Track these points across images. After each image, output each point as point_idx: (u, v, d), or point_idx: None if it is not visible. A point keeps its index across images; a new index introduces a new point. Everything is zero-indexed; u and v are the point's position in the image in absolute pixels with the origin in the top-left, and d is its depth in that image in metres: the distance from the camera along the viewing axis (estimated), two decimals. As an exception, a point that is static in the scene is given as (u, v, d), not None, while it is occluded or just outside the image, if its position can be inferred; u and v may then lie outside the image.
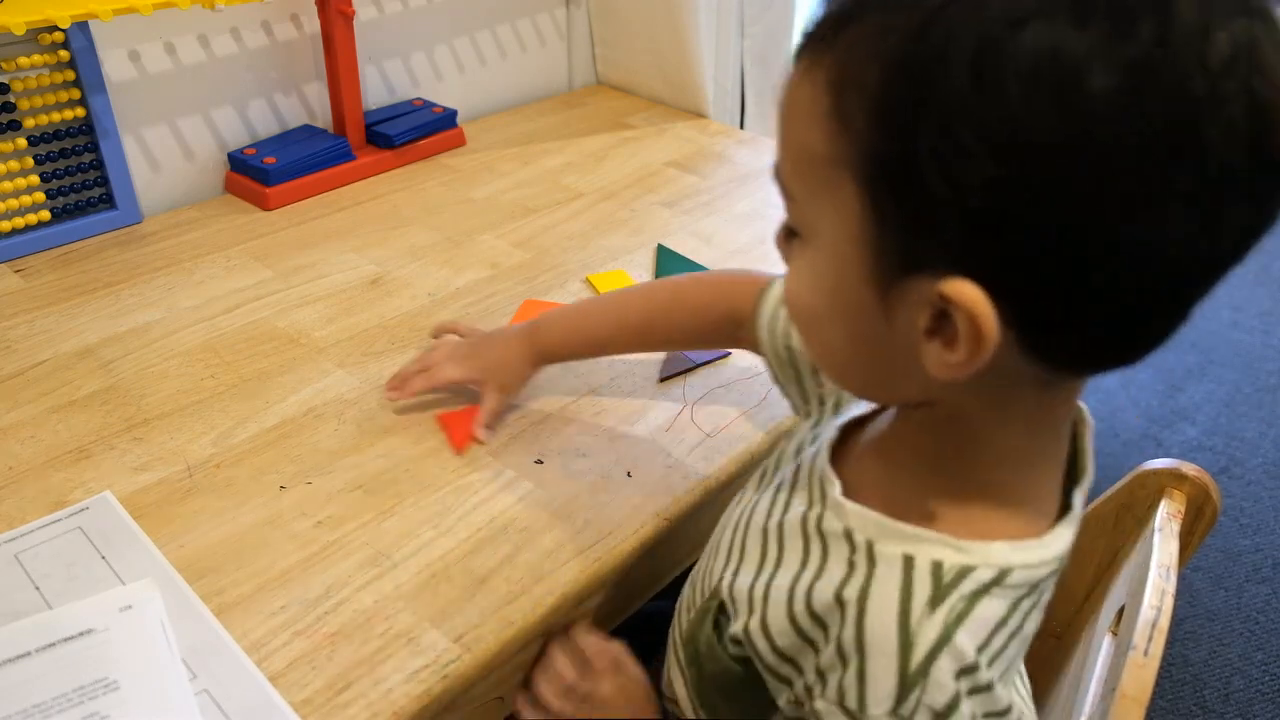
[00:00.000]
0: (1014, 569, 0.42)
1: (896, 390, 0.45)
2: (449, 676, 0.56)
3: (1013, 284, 0.36)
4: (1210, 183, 0.34)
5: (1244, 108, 0.33)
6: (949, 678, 0.41)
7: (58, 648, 0.56)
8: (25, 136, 0.94)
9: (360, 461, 0.71)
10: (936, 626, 0.41)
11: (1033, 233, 0.34)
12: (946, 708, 0.41)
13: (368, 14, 1.17)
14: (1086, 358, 0.40)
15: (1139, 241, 0.34)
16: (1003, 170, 0.34)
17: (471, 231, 1.04)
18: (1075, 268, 0.35)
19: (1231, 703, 1.29)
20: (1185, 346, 1.97)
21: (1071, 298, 0.36)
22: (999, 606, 0.42)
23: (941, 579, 0.42)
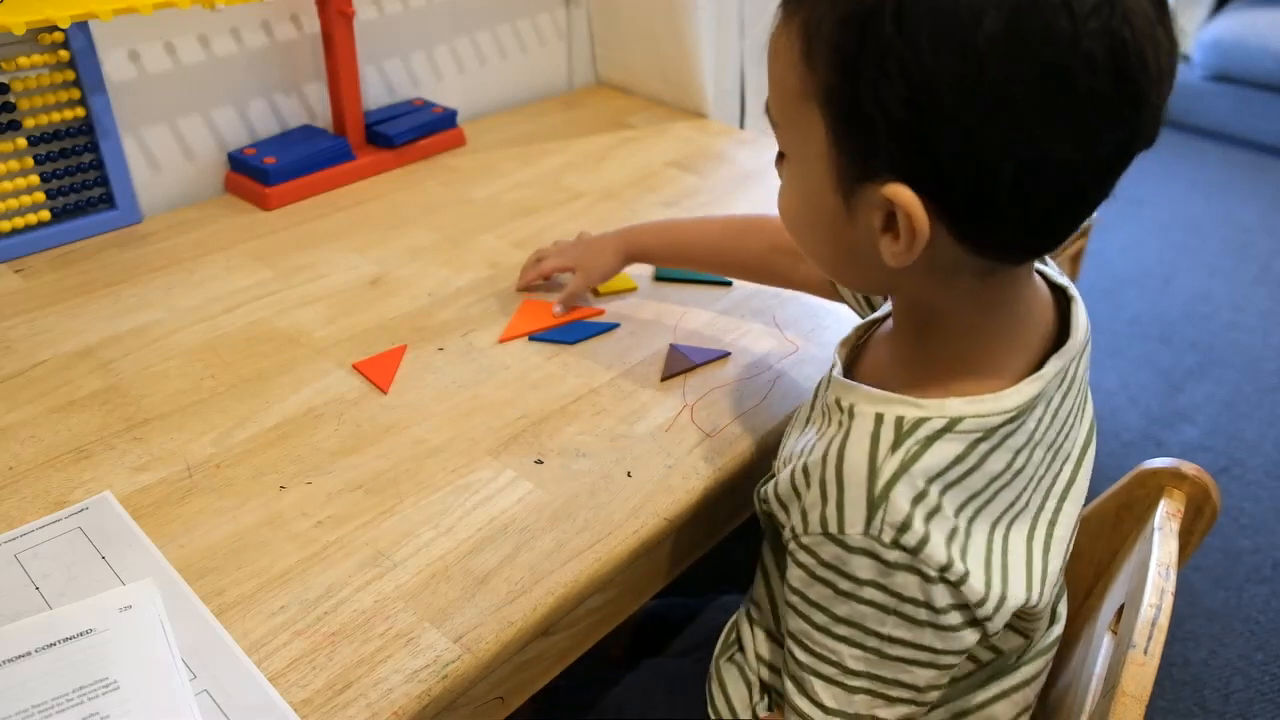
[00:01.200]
0: (965, 418, 0.51)
1: (867, 278, 0.57)
2: (449, 676, 0.56)
3: (936, 187, 0.46)
4: (1080, 107, 0.43)
5: (1104, 46, 0.42)
6: (905, 500, 0.51)
7: (58, 648, 0.56)
8: (25, 136, 0.94)
9: (360, 461, 0.71)
10: (895, 463, 0.51)
11: (946, 147, 0.45)
12: (903, 523, 0.51)
13: (368, 14, 1.17)
14: (1005, 246, 0.49)
15: (1028, 152, 0.44)
16: (920, 100, 0.44)
17: (471, 231, 1.04)
18: (981, 173, 0.45)
19: (1231, 703, 1.29)
20: (1185, 346, 1.96)
21: (982, 196, 0.46)
22: (952, 447, 0.51)
23: (902, 428, 0.52)
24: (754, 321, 0.89)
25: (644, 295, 0.94)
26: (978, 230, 0.48)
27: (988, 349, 0.54)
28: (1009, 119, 0.43)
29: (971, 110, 0.43)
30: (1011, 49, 0.42)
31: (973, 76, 0.42)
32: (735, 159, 1.24)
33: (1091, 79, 0.42)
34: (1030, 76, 0.42)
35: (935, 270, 0.51)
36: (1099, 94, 0.43)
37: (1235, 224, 2.46)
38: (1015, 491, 0.54)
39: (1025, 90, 0.43)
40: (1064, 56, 0.42)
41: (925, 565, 0.51)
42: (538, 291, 0.93)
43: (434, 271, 0.96)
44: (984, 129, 0.43)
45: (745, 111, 1.52)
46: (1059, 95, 0.43)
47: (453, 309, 0.90)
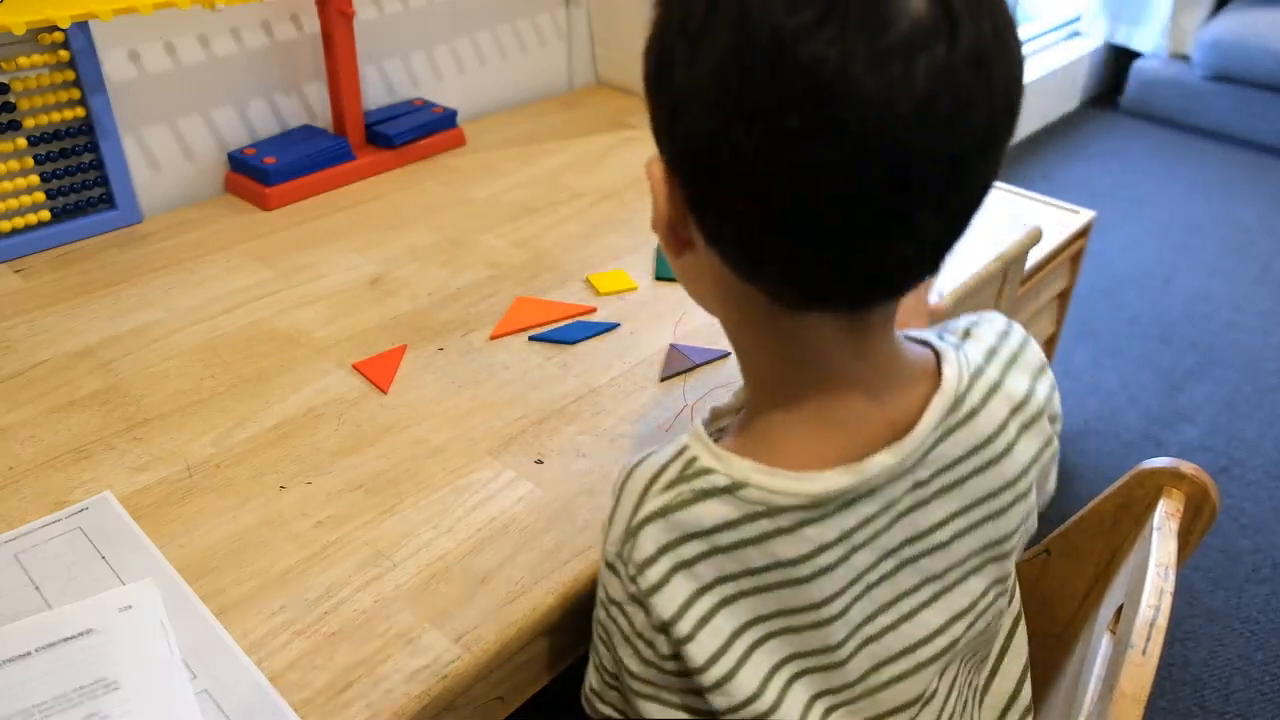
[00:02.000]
0: (749, 485, 0.49)
1: (696, 294, 0.54)
2: (449, 676, 0.56)
3: (680, 166, 0.46)
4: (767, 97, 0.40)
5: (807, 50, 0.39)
6: (652, 544, 0.50)
7: (58, 648, 0.56)
8: (25, 136, 0.94)
9: (360, 461, 0.71)
10: (659, 502, 0.50)
11: (679, 125, 0.45)
12: (644, 563, 0.50)
13: (368, 14, 1.17)
14: (745, 260, 0.46)
15: (733, 131, 0.41)
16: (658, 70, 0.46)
17: (471, 231, 1.04)
18: (699, 145, 0.43)
19: (1231, 703, 1.29)
20: (1185, 346, 1.96)
21: (706, 177, 0.44)
22: (725, 510, 0.49)
23: (687, 470, 0.50)
24: None
25: (644, 295, 0.94)
26: (716, 230, 0.46)
27: (797, 418, 0.51)
28: (704, 80, 0.42)
29: (683, 64, 0.43)
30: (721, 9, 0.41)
31: (687, 26, 0.43)
32: (735, 159, 1.24)
33: (781, 69, 0.39)
34: (725, 39, 0.41)
35: (720, 290, 0.50)
36: (789, 88, 0.39)
37: (1235, 224, 2.46)
38: (810, 595, 0.50)
39: (718, 52, 0.41)
40: (758, 32, 0.40)
41: (652, 612, 0.51)
42: (537, 292, 0.93)
43: (434, 271, 0.96)
44: (690, 90, 0.43)
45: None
46: (748, 69, 0.40)
47: (453, 309, 0.90)
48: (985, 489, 0.54)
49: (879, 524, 0.51)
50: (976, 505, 0.54)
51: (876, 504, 0.51)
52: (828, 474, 0.49)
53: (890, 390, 0.51)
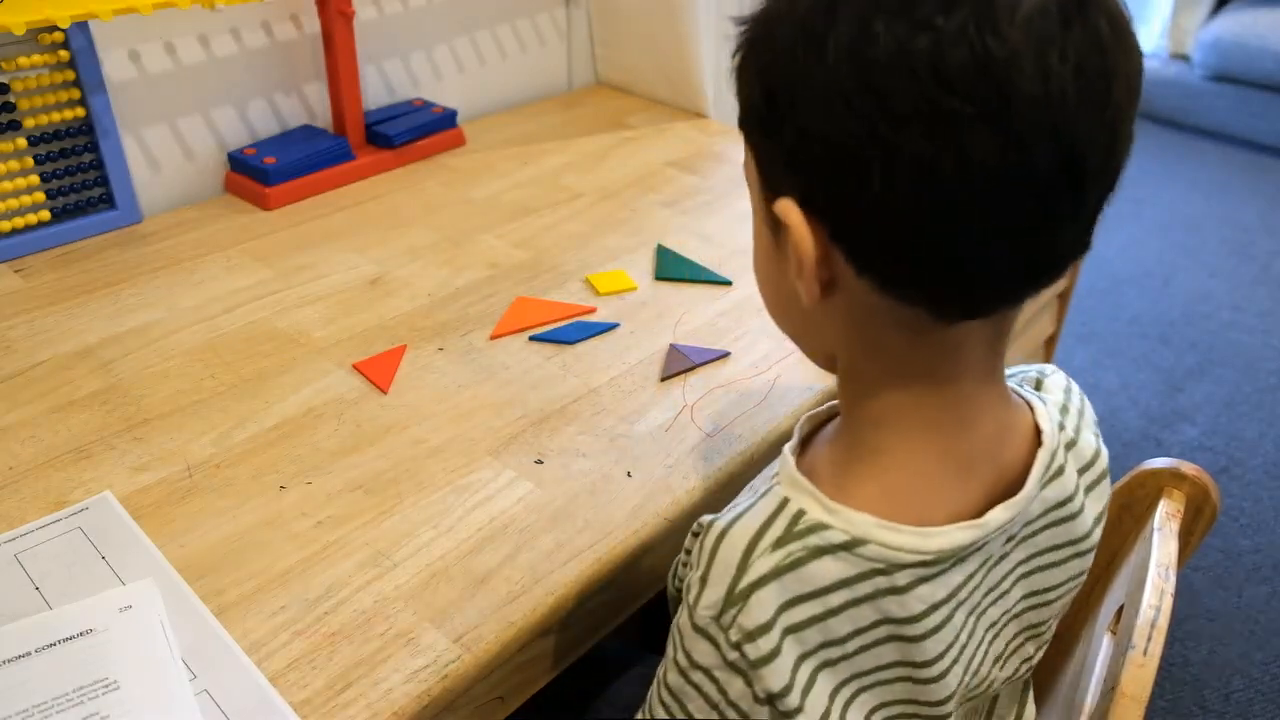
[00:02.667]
0: (870, 542, 0.46)
1: (815, 341, 0.53)
2: (449, 676, 0.56)
3: (816, 195, 0.43)
4: (931, 103, 0.39)
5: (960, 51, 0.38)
6: (765, 611, 0.46)
7: (58, 648, 0.56)
8: (25, 136, 0.94)
9: (360, 461, 0.71)
10: (769, 564, 0.46)
11: (805, 146, 0.42)
12: (754, 631, 0.46)
13: (368, 14, 1.17)
14: (908, 279, 0.44)
15: (883, 148, 0.40)
16: (772, 95, 0.43)
17: (471, 231, 1.04)
18: (846, 171, 0.41)
19: (1231, 703, 1.29)
20: (1185, 346, 1.96)
21: (855, 202, 0.42)
22: (842, 568, 0.46)
23: (795, 525, 0.47)
24: (754, 321, 0.89)
25: (644, 295, 0.94)
26: (870, 252, 0.44)
27: (922, 457, 0.48)
28: (845, 99, 0.40)
29: (806, 87, 0.41)
30: (844, 24, 0.40)
31: (806, 48, 0.41)
32: (735, 159, 1.24)
33: (931, 59, 0.38)
34: (859, 52, 0.40)
35: (859, 321, 0.47)
36: (943, 78, 0.38)
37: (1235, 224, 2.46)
38: (914, 654, 0.49)
39: (858, 67, 0.40)
40: (895, 32, 0.39)
41: (759, 684, 0.46)
42: (537, 292, 0.93)
43: (434, 271, 0.96)
44: (826, 111, 0.41)
45: (745, 111, 1.52)
46: (889, 73, 0.39)
47: (453, 309, 0.90)
48: (1051, 542, 0.54)
49: (976, 580, 0.50)
50: (1037, 555, 0.54)
51: (979, 560, 0.50)
52: (949, 530, 0.47)
53: (1007, 429, 0.51)
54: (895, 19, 0.39)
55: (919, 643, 0.48)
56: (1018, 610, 0.56)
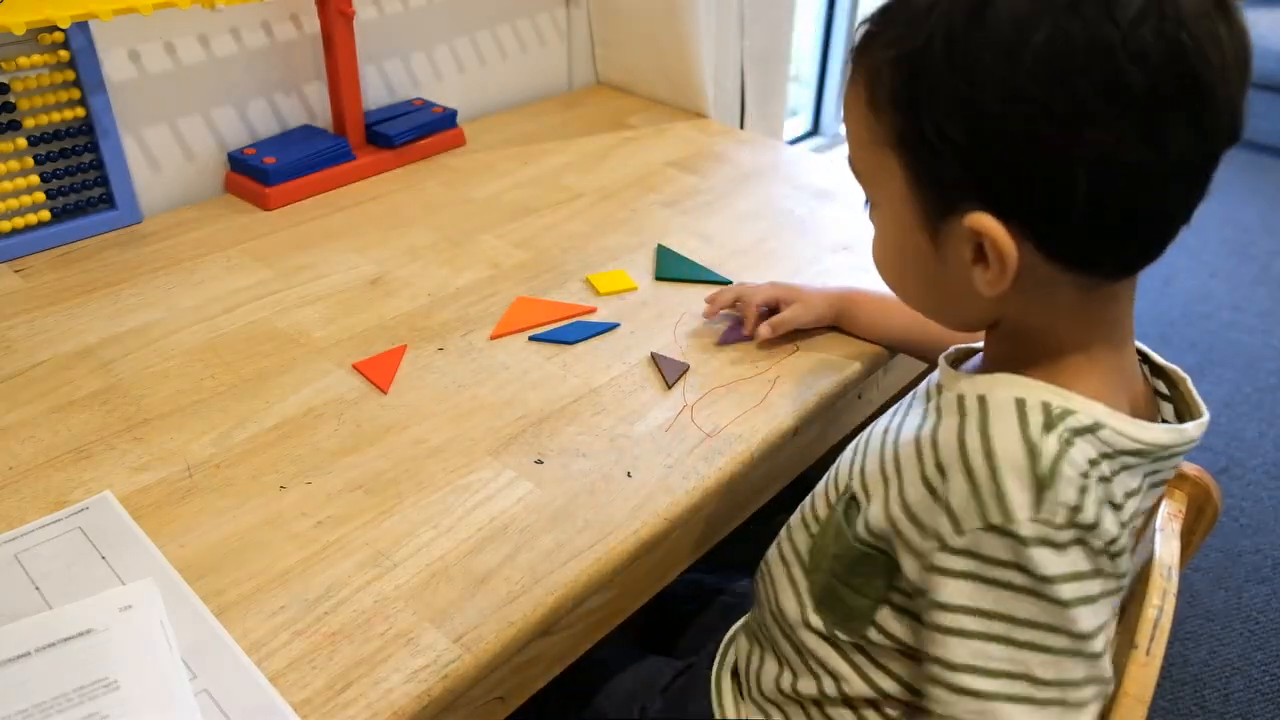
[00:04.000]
0: (1105, 426, 0.49)
1: (965, 315, 0.56)
2: (449, 676, 0.56)
3: (1015, 208, 0.47)
4: (1139, 108, 0.43)
5: (1157, 47, 0.43)
6: (1075, 473, 0.47)
7: (58, 648, 0.56)
8: (25, 136, 0.94)
9: (360, 461, 0.71)
10: (1054, 442, 0.48)
11: (1012, 166, 0.46)
12: (1079, 500, 0.47)
13: (368, 14, 1.17)
14: (1097, 258, 0.49)
15: (1095, 159, 0.44)
16: (976, 124, 0.46)
17: (471, 231, 1.04)
18: (1054, 187, 0.45)
19: (1231, 703, 1.29)
20: (1185, 346, 1.96)
21: (1061, 210, 0.46)
22: (1091, 450, 0.48)
23: (1051, 413, 0.49)
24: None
25: (644, 295, 0.94)
26: (1066, 245, 0.48)
27: (1099, 372, 0.52)
28: (1064, 129, 0.44)
29: (1025, 125, 0.44)
30: (1055, 63, 0.43)
31: (1019, 93, 0.44)
32: (735, 159, 1.24)
33: (1147, 79, 0.43)
34: (1078, 83, 0.43)
35: (1033, 290, 0.50)
36: (1159, 93, 0.43)
37: (1235, 224, 2.46)
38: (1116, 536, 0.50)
39: (1075, 97, 0.43)
40: (1112, 62, 0.43)
41: (1099, 538, 0.48)
42: (537, 292, 0.93)
43: (434, 271, 0.96)
44: (1042, 142, 0.44)
45: (745, 111, 1.52)
46: (1114, 99, 0.43)
47: (453, 309, 0.90)
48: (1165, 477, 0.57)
49: (1146, 486, 0.53)
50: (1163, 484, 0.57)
51: (1156, 467, 0.53)
52: (1156, 427, 0.51)
53: (1133, 359, 0.56)
54: (1086, 20, 0.43)
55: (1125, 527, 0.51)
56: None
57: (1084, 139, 0.44)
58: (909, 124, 0.49)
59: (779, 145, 1.30)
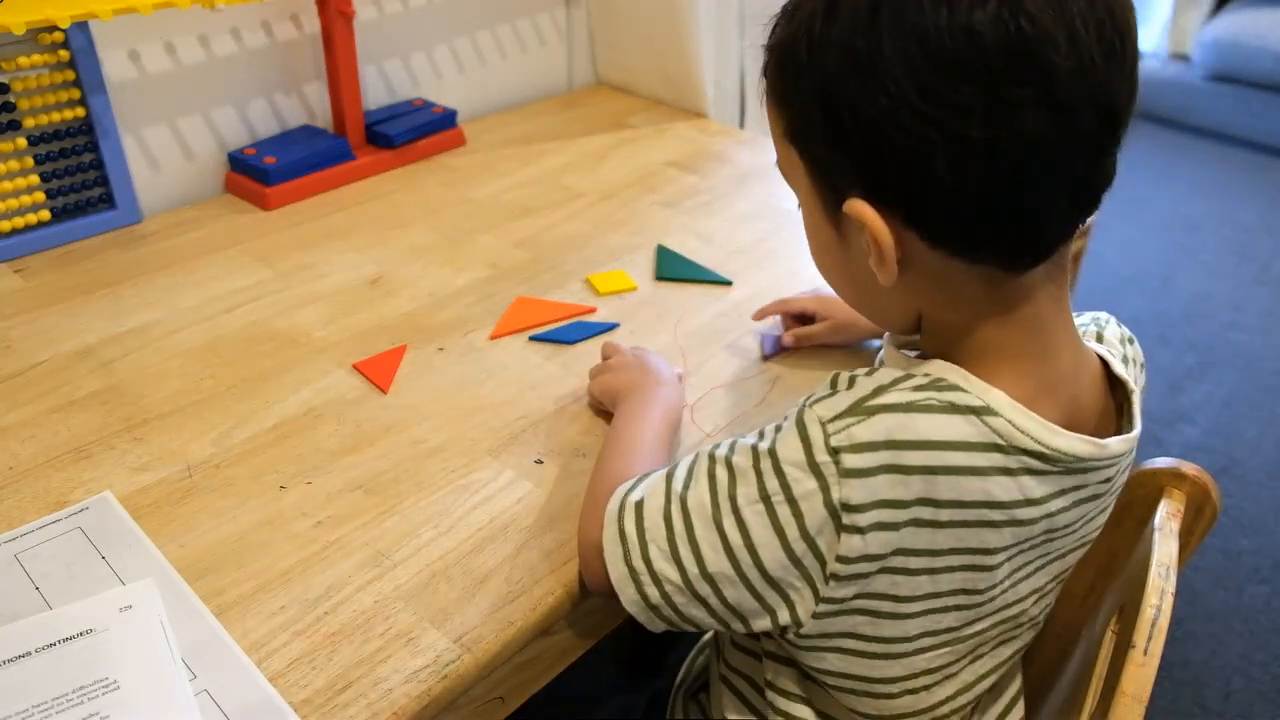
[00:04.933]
0: (1001, 415, 0.49)
1: (888, 312, 0.56)
2: (449, 676, 0.56)
3: (885, 191, 0.47)
4: (976, 82, 0.43)
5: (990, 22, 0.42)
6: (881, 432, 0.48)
7: (58, 648, 0.56)
8: (25, 136, 0.94)
9: (360, 461, 0.71)
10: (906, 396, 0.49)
11: (873, 149, 0.46)
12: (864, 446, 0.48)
13: (368, 14, 1.17)
14: (981, 245, 0.48)
15: (943, 136, 0.44)
16: (829, 105, 0.47)
17: (471, 231, 1.04)
18: (911, 166, 0.45)
19: (1231, 703, 1.29)
20: (1185, 346, 1.96)
21: (922, 189, 0.46)
22: (968, 430, 0.49)
23: (936, 383, 0.50)
24: (754, 321, 0.89)
25: (644, 295, 0.94)
26: (942, 230, 0.48)
27: (1019, 379, 0.51)
28: (912, 109, 0.44)
29: (876, 107, 0.45)
30: (898, 45, 0.44)
31: (867, 76, 0.45)
32: (735, 159, 1.24)
33: (982, 60, 0.43)
34: (921, 65, 0.44)
35: (938, 283, 0.50)
36: (995, 71, 0.43)
37: (1235, 224, 2.46)
38: (988, 540, 0.51)
39: (918, 78, 0.44)
40: (951, 40, 0.43)
41: (837, 491, 0.48)
42: (537, 292, 0.93)
43: (434, 271, 0.96)
44: (895, 124, 0.45)
45: (745, 111, 1.52)
46: (954, 75, 0.43)
47: (453, 309, 0.90)
48: (1109, 488, 0.56)
49: (1063, 504, 0.52)
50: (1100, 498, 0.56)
51: (1073, 484, 0.52)
52: (1071, 436, 0.50)
53: (1081, 365, 0.54)
54: (938, 17, 0.43)
55: (995, 528, 0.51)
56: (1065, 550, 0.57)
57: (931, 118, 0.44)
58: (789, 113, 0.50)
59: (779, 145, 1.30)
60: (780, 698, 0.61)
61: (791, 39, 0.48)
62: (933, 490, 0.49)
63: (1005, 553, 0.52)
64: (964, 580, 0.52)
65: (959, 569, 0.52)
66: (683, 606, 0.54)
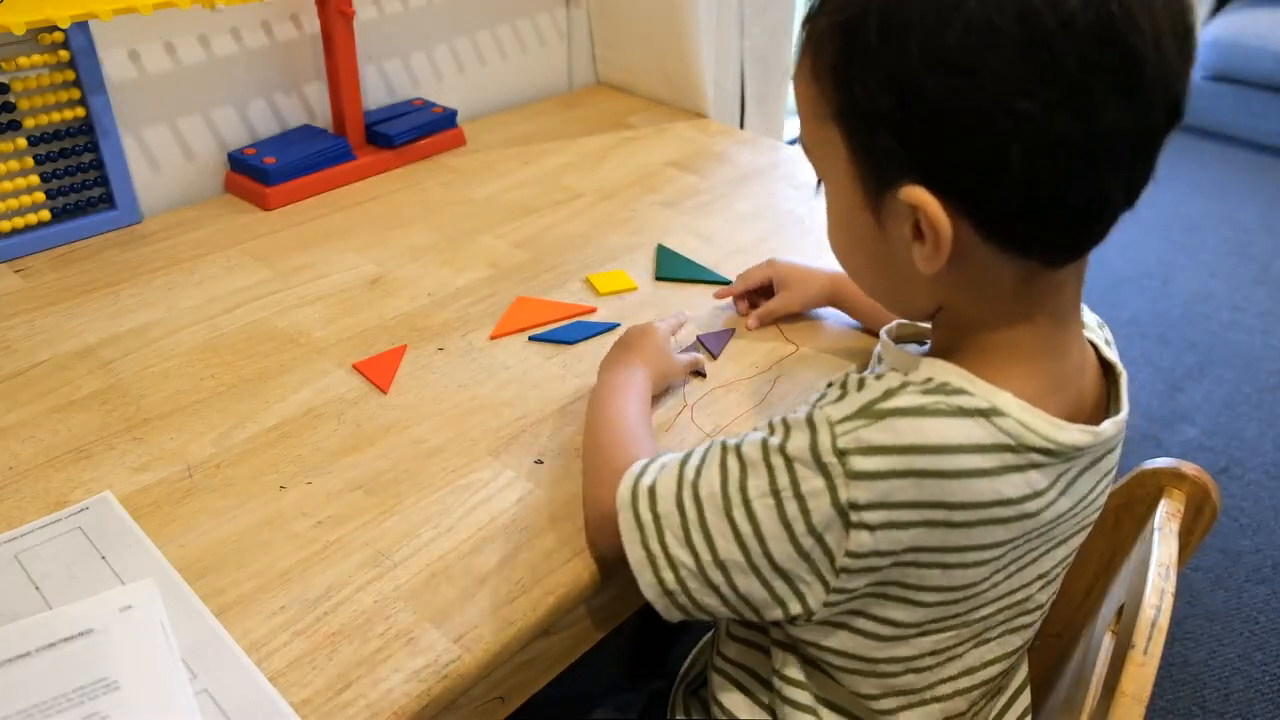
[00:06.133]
0: (1009, 415, 0.49)
1: (911, 299, 0.55)
2: (449, 676, 0.56)
3: (948, 180, 0.46)
4: (1067, 75, 0.42)
5: (1086, 13, 0.42)
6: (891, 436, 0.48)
7: (58, 648, 0.56)
8: (25, 136, 0.94)
9: (360, 461, 0.71)
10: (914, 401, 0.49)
11: (943, 137, 0.45)
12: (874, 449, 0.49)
13: (368, 14, 1.17)
14: (1034, 238, 0.48)
15: (1026, 130, 0.43)
16: (906, 93, 0.45)
17: (471, 231, 1.04)
18: (986, 158, 0.44)
19: (1231, 703, 1.29)
20: (1185, 346, 1.96)
21: (994, 184, 0.45)
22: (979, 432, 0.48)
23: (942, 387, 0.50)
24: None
25: (644, 295, 0.94)
26: (1001, 222, 0.47)
27: (1030, 376, 0.51)
28: (993, 97, 0.43)
29: (953, 95, 0.44)
30: (982, 31, 0.42)
31: (946, 61, 0.43)
32: (735, 159, 1.24)
33: (1072, 46, 0.42)
34: (1006, 51, 0.42)
35: (974, 275, 0.50)
36: (1085, 62, 0.42)
37: (1235, 224, 2.46)
38: (1001, 535, 0.51)
39: (1003, 65, 0.42)
40: (1039, 27, 0.42)
41: (845, 491, 0.49)
42: (537, 292, 0.93)
43: (434, 271, 0.96)
44: (970, 113, 0.44)
45: (745, 111, 1.52)
46: (1041, 66, 0.42)
47: (453, 309, 0.90)
48: (1105, 469, 0.57)
49: (1064, 486, 0.53)
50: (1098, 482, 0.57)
51: (1074, 472, 0.53)
52: (1073, 428, 0.51)
53: (1084, 356, 0.55)
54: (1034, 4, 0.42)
55: (1009, 524, 0.51)
56: (1069, 532, 0.57)
57: (1011, 109, 0.43)
58: (846, 95, 0.48)
59: (779, 145, 1.30)
60: (783, 684, 0.61)
61: (860, 16, 0.46)
62: (947, 493, 0.49)
63: (1012, 543, 0.53)
64: (974, 575, 0.53)
65: (971, 565, 0.52)
66: (696, 593, 0.54)
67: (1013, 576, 0.55)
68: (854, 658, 0.58)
